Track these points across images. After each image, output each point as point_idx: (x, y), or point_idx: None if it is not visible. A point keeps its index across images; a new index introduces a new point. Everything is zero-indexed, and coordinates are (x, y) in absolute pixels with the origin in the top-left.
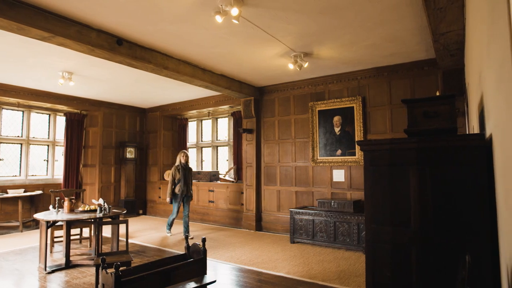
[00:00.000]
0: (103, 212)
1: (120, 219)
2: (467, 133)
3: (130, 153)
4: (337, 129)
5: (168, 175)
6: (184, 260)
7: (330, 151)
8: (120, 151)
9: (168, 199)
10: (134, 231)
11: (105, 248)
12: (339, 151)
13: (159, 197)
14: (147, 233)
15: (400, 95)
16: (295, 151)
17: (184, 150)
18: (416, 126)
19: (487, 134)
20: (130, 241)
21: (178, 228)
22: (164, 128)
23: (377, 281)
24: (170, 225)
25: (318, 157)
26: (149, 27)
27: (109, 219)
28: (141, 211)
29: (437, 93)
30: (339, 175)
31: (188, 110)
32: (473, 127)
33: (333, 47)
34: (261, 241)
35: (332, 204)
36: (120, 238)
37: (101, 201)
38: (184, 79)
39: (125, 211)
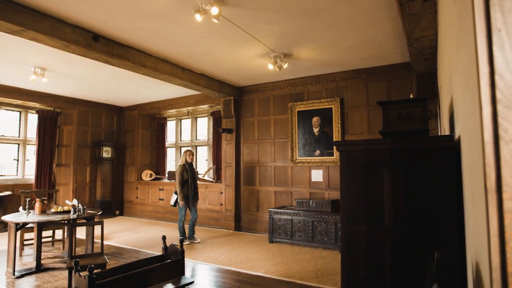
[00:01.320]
0: (77, 213)
1: (95, 220)
2: (439, 134)
3: (106, 152)
4: (315, 130)
5: (146, 175)
6: (161, 262)
7: (309, 152)
8: (96, 150)
9: (181, 202)
10: (110, 232)
11: (79, 251)
12: (317, 152)
13: (137, 197)
14: (123, 234)
15: (377, 97)
16: (275, 151)
17: (189, 149)
18: (390, 127)
19: (456, 136)
20: (105, 242)
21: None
22: (142, 127)
23: (352, 279)
24: (184, 232)
25: (297, 157)
26: (127, 23)
27: (84, 221)
28: (117, 212)
29: (411, 96)
30: (317, 175)
31: (167, 109)
32: (445, 129)
33: (312, 49)
34: (240, 241)
35: (310, 204)
36: (95, 240)
37: (75, 201)
38: (163, 77)
39: (100, 212)
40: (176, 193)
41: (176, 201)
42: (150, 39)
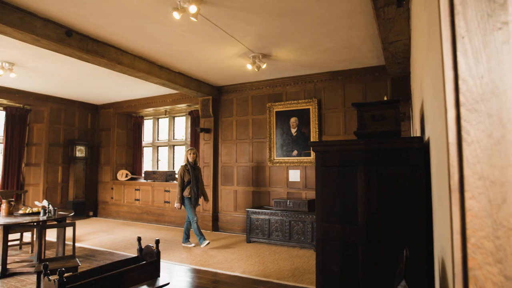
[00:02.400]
0: (47, 214)
1: (67, 221)
2: (412, 136)
3: (80, 151)
4: (293, 130)
5: (121, 175)
6: (136, 263)
7: (287, 152)
8: (69, 150)
9: (177, 205)
10: (83, 234)
11: (49, 254)
12: (295, 152)
13: (112, 197)
14: (97, 236)
15: (354, 99)
16: (253, 151)
17: (192, 147)
18: (364, 128)
19: (426, 138)
20: (78, 245)
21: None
22: (118, 126)
23: (327, 278)
24: (201, 233)
25: (275, 158)
26: (102, 19)
27: (54, 222)
28: (91, 213)
29: (385, 98)
30: (295, 175)
31: (144, 108)
32: (416, 131)
33: (291, 50)
34: (217, 241)
35: (288, 203)
36: (66, 242)
37: (45, 202)
38: (140, 75)
39: (72, 213)
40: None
41: (181, 204)
42: (126, 36)
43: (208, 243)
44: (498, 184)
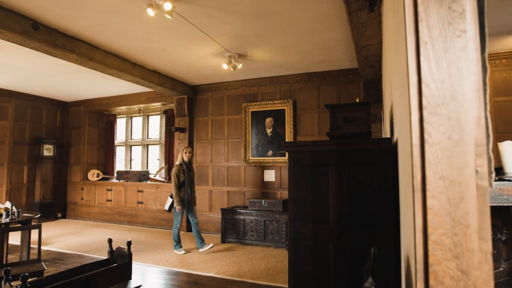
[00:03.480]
0: (10, 216)
1: (32, 224)
2: (382, 137)
3: (48, 150)
4: (269, 131)
5: (92, 175)
6: (107, 266)
7: (262, 152)
8: (35, 148)
9: (178, 207)
10: (50, 237)
11: (13, 258)
12: (270, 152)
13: (82, 198)
14: (66, 239)
15: (328, 100)
16: (228, 151)
17: (187, 146)
18: (337, 129)
19: (395, 139)
20: (44, 248)
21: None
22: (89, 124)
23: (299, 276)
24: (179, 240)
25: (250, 158)
26: (72, 13)
27: (19, 225)
28: (59, 215)
29: (357, 100)
30: (270, 175)
31: (116, 106)
32: (387, 132)
33: (266, 51)
34: (191, 242)
35: (263, 203)
36: (31, 246)
37: (8, 204)
38: (112, 72)
39: (38, 215)
40: (172, 196)
41: (171, 206)
42: (98, 31)
43: (183, 253)
44: (457, 184)
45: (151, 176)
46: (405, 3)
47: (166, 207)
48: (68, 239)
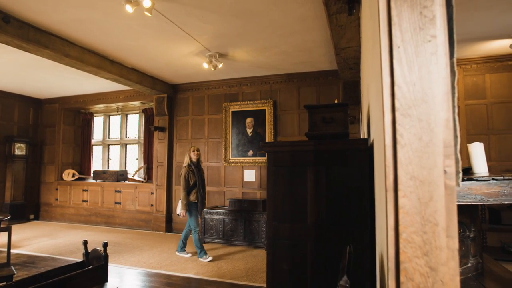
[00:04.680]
0: None
1: (2, 226)
2: (359, 138)
3: (19, 149)
4: (249, 131)
5: (68, 175)
6: (82, 268)
7: (242, 152)
8: (6, 147)
9: (182, 212)
10: (21, 239)
11: None
12: (250, 152)
13: (56, 199)
14: (38, 241)
15: (308, 101)
16: (208, 151)
17: (194, 145)
18: (315, 130)
19: (371, 140)
20: (15, 251)
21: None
22: (65, 122)
23: (277, 275)
24: (202, 246)
25: (231, 158)
26: (47, 6)
27: None
28: (32, 216)
29: (336, 101)
30: (250, 175)
31: (94, 104)
32: (364, 133)
33: (247, 51)
34: (171, 243)
35: (243, 203)
36: (0, 249)
37: None
38: (89, 69)
39: (8, 217)
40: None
41: (187, 211)
42: (74, 27)
43: (211, 259)
44: (426, 184)
45: (129, 176)
46: (379, 7)
47: (178, 211)
48: (40, 242)
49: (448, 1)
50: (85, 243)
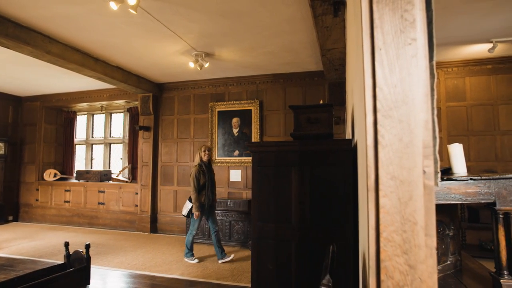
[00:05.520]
0: None
1: None
2: (344, 139)
3: None
4: (235, 130)
5: (49, 175)
6: (62, 271)
7: (228, 152)
8: None
9: (197, 214)
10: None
11: None
12: (236, 152)
13: (37, 200)
14: (17, 243)
15: (294, 101)
16: (194, 150)
17: (205, 144)
18: (300, 130)
19: (355, 141)
20: None
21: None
22: (46, 121)
23: (261, 276)
24: (191, 248)
25: (217, 157)
26: (27, 1)
27: None
28: (11, 218)
29: (321, 102)
30: (236, 175)
31: (76, 102)
32: (349, 134)
33: (234, 50)
34: (155, 244)
35: (228, 203)
36: None
37: None
38: (72, 67)
39: None
40: (190, 200)
41: (190, 211)
42: (56, 23)
43: (196, 262)
44: (406, 183)
45: (113, 176)
46: (362, 10)
47: (184, 212)
48: (19, 244)
49: (428, 5)
50: (66, 244)
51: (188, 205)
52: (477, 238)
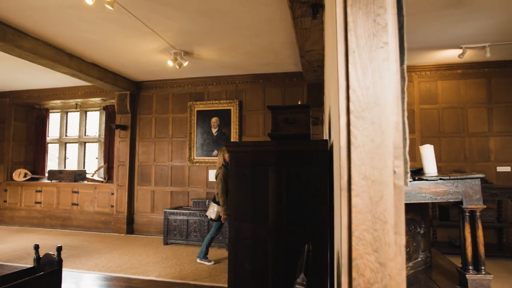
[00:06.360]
0: None
1: None
2: (320, 139)
3: None
4: (214, 130)
5: (19, 175)
6: (32, 275)
7: (207, 151)
8: None
9: (225, 216)
10: None
11: None
12: (215, 152)
13: (5, 201)
14: None
15: (273, 102)
16: (172, 150)
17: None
18: (278, 130)
19: (331, 141)
20: None
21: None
22: (16, 118)
23: (238, 275)
24: (207, 249)
25: (195, 157)
26: None
27: None
28: None
29: (299, 103)
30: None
31: (49, 100)
32: (327, 135)
33: (213, 50)
34: (131, 245)
35: (207, 203)
36: None
37: None
38: (45, 63)
39: None
40: (215, 202)
41: (218, 215)
42: (28, 16)
43: (212, 263)
44: (377, 183)
45: (88, 176)
46: (337, 13)
47: (213, 215)
48: None
49: (399, 11)
50: (36, 247)
51: (213, 208)
52: (447, 236)
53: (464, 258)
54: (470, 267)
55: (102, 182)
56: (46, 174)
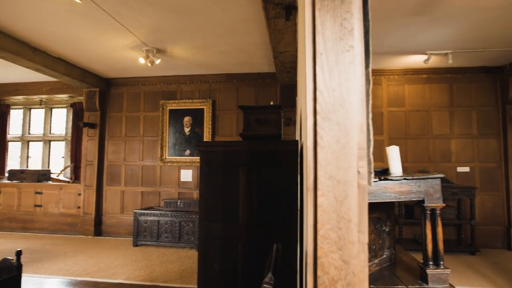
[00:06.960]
0: None
1: None
2: (290, 140)
3: None
4: (187, 130)
5: None
6: None
7: (179, 151)
8: None
9: None
10: None
11: None
12: (187, 151)
13: None
14: None
15: (247, 102)
16: (143, 149)
17: None
18: (249, 130)
19: (301, 142)
20: None
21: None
22: None
23: (208, 276)
24: None
25: (167, 157)
26: None
27: None
28: None
29: (271, 103)
30: (186, 175)
31: (11, 95)
32: (298, 135)
33: (186, 48)
34: (99, 247)
35: (178, 204)
36: None
37: None
38: (5, 56)
39: None
40: None
41: None
42: None
43: None
44: (342, 183)
45: (53, 175)
46: (306, 15)
47: None
48: None
49: (365, 16)
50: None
51: None
52: (411, 233)
53: (425, 254)
54: (430, 263)
55: (68, 182)
56: (6, 174)
